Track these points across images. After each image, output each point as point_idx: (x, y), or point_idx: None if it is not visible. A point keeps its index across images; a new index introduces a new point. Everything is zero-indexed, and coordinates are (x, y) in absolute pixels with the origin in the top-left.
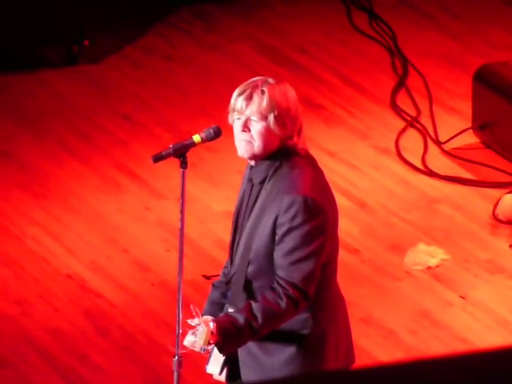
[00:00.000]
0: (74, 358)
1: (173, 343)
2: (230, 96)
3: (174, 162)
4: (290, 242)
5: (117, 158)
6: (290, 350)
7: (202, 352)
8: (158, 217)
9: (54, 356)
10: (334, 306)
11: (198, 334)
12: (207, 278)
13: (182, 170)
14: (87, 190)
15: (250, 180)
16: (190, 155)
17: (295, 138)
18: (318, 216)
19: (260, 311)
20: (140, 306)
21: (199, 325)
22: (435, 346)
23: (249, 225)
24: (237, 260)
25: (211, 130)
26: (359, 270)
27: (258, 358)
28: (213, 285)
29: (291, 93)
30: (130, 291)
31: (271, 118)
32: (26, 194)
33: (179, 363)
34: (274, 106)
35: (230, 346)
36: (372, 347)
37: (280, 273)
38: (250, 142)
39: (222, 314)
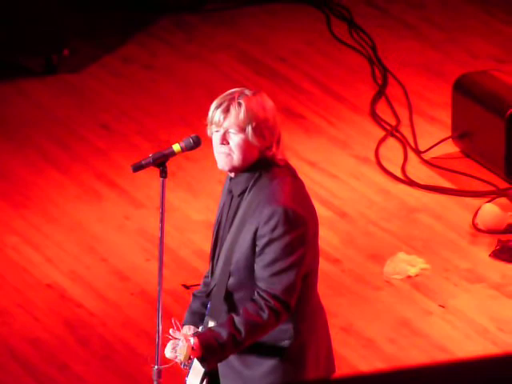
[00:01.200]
0: (53, 368)
1: (152, 354)
2: (210, 106)
3: (154, 172)
4: (270, 253)
5: (96, 168)
6: (270, 362)
7: (182, 367)
8: (138, 226)
9: (34, 366)
10: (314, 316)
11: (178, 349)
12: (187, 287)
13: (161, 179)
14: (67, 200)
15: (230, 191)
16: (170, 164)
17: (274, 149)
18: (298, 227)
19: (243, 325)
20: (120, 316)
21: (180, 340)
22: (415, 354)
23: (229, 237)
24: (217, 272)
25: (191, 140)
26: (339, 279)
27: (238, 371)
28: (193, 295)
29: (268, 103)
30: (109, 300)
31: (249, 129)
32: (5, 204)
33: (159, 373)
34: (251, 117)
35: (213, 361)
36: (352, 356)
37: (261, 284)
38: (229, 155)
39: (204, 329)
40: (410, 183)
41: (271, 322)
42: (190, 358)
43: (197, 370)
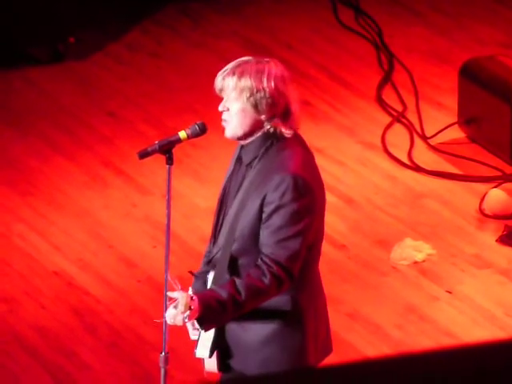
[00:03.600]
0: (61, 355)
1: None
2: (216, 93)
3: (160, 159)
4: (277, 219)
5: (103, 155)
6: (269, 328)
7: (185, 321)
8: (145, 213)
9: (41, 353)
10: (314, 290)
11: (177, 303)
12: (194, 274)
13: (167, 166)
14: (73, 187)
15: (240, 159)
16: (176, 151)
17: (277, 121)
18: (306, 195)
19: (244, 287)
20: (127, 303)
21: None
22: (422, 340)
23: (235, 204)
24: (221, 239)
25: (197, 127)
26: (346, 265)
27: (239, 338)
28: (195, 275)
29: (273, 73)
30: (116, 288)
31: (244, 98)
32: (11, 191)
33: (166, 360)
34: (247, 87)
35: (211, 320)
36: (359, 342)
37: (265, 250)
38: (227, 122)
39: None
40: (417, 169)
41: (273, 287)
42: (190, 308)
43: (205, 341)
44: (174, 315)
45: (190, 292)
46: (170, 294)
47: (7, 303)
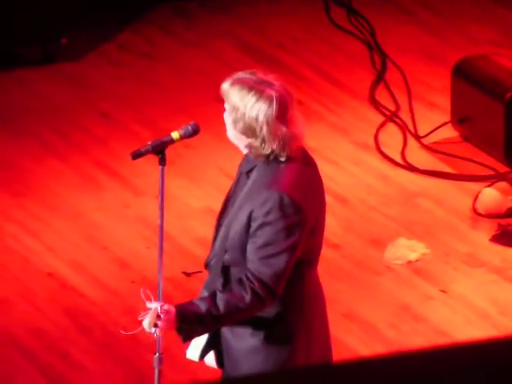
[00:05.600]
0: (55, 357)
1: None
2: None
3: (153, 159)
4: (262, 236)
5: (96, 156)
6: (256, 339)
7: (155, 335)
8: (138, 214)
9: (36, 355)
10: (308, 306)
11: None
12: (187, 274)
13: (160, 166)
14: (66, 188)
15: (240, 168)
16: (169, 152)
17: (254, 142)
18: (293, 215)
19: (223, 302)
20: (121, 304)
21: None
22: (416, 339)
23: (231, 212)
24: (216, 246)
25: (189, 127)
26: (340, 264)
27: (230, 344)
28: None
29: (261, 102)
30: (110, 289)
31: (229, 110)
32: (4, 192)
33: (160, 360)
34: (232, 102)
35: (188, 332)
36: (353, 342)
37: (250, 266)
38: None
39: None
40: (410, 168)
41: (253, 304)
42: (155, 325)
43: (197, 344)
44: (147, 326)
45: (157, 305)
46: (147, 304)
47: (1, 305)
